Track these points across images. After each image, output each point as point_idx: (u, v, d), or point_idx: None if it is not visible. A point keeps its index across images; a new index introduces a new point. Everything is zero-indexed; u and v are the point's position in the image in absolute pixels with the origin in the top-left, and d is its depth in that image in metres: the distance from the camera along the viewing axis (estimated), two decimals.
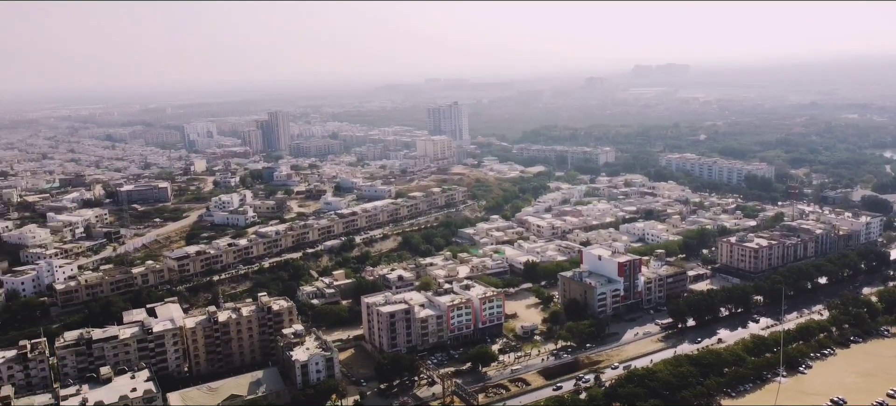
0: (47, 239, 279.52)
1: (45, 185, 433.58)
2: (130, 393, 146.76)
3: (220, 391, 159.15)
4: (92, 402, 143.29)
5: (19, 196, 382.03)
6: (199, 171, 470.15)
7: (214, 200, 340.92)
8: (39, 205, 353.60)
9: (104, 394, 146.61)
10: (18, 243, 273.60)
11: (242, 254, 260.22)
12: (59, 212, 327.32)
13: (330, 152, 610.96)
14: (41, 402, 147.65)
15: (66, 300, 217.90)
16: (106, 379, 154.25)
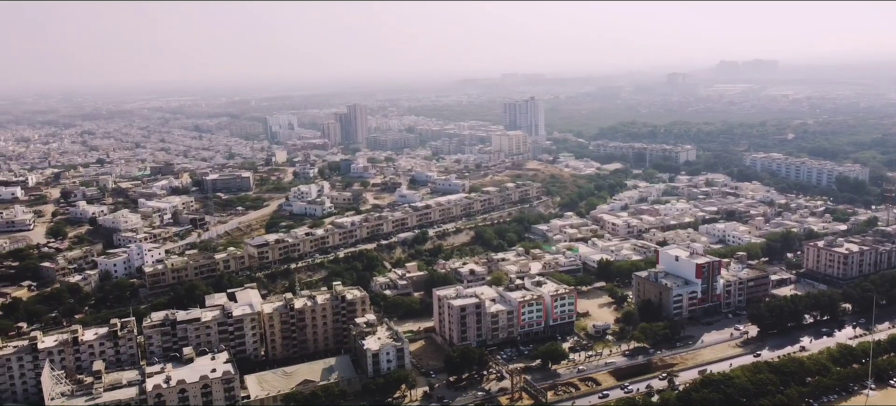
0: (138, 224, 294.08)
1: (138, 173, 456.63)
2: (210, 373, 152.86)
3: (294, 376, 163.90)
4: (174, 380, 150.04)
5: (114, 182, 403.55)
6: (279, 162, 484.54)
7: (293, 191, 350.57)
8: (132, 191, 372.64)
9: (186, 373, 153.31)
10: (112, 227, 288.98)
11: (319, 243, 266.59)
12: (150, 198, 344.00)
13: (406, 146, 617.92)
14: (129, 377, 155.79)
15: (154, 282, 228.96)
16: (188, 359, 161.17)
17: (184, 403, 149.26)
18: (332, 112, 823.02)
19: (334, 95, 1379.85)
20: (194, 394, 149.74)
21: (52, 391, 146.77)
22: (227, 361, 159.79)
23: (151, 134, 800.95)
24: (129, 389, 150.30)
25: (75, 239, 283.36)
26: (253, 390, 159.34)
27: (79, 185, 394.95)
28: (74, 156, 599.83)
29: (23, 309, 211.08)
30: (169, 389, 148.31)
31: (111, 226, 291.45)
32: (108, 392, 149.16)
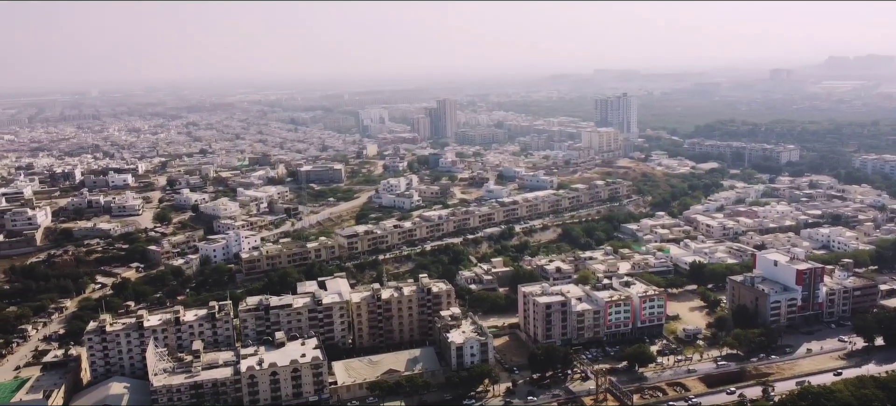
0: (236, 212, 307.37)
1: (237, 163, 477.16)
2: (300, 358, 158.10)
3: (379, 365, 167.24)
4: (267, 362, 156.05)
5: (215, 172, 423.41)
6: (370, 155, 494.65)
7: (383, 183, 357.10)
8: (231, 180, 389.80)
9: (277, 356, 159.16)
10: (213, 214, 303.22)
11: (406, 235, 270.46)
12: (248, 187, 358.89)
13: (494, 141, 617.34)
14: (225, 358, 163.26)
15: (250, 268, 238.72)
16: (280, 343, 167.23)
17: (274, 386, 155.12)
18: (422, 107, 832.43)
19: (424, 90, 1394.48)
20: (285, 377, 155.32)
21: (155, 367, 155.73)
22: (317, 347, 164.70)
23: (250, 126, 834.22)
24: (225, 369, 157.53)
25: (179, 224, 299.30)
26: (340, 376, 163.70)
27: (183, 173, 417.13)
28: (180, 146, 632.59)
29: (131, 289, 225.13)
30: (261, 371, 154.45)
31: (212, 213, 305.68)
32: (206, 371, 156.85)
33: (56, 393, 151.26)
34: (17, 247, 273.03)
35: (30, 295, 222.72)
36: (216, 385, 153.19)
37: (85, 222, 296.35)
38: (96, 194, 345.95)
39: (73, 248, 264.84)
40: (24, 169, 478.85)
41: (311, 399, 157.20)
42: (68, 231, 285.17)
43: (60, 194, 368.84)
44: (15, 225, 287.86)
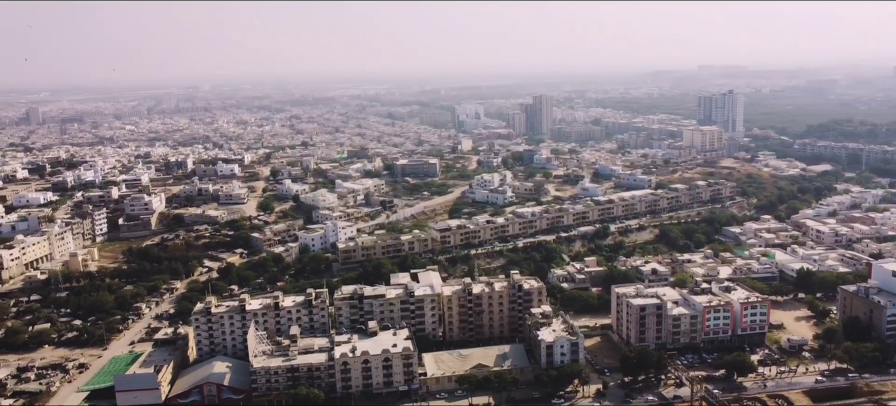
0: (334, 203, 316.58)
1: (336, 156, 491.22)
2: (392, 348, 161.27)
3: (468, 359, 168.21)
4: (359, 350, 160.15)
5: (315, 164, 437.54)
6: (465, 150, 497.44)
7: (477, 179, 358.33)
8: (330, 172, 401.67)
9: (370, 345, 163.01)
10: (312, 205, 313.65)
11: (499, 231, 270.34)
12: (345, 180, 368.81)
13: (591, 138, 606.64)
14: (320, 344, 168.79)
15: (346, 258, 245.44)
16: (372, 332, 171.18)
17: (366, 374, 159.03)
18: (518, 102, 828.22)
19: (521, 86, 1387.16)
20: (376, 365, 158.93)
21: (255, 349, 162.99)
22: (408, 338, 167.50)
23: (350, 120, 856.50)
24: (320, 355, 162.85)
25: (280, 214, 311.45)
26: (429, 368, 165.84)
27: (285, 164, 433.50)
28: (283, 138, 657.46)
29: (235, 273, 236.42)
30: (354, 359, 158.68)
31: (311, 203, 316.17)
32: (302, 355, 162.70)
33: (165, 368, 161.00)
34: (135, 230, 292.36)
35: (144, 275, 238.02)
36: (311, 370, 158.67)
37: (195, 209, 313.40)
38: (206, 183, 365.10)
39: (183, 233, 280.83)
40: (143, 157, 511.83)
41: (401, 389, 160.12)
42: (180, 217, 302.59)
43: (174, 182, 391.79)
44: (133, 209, 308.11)
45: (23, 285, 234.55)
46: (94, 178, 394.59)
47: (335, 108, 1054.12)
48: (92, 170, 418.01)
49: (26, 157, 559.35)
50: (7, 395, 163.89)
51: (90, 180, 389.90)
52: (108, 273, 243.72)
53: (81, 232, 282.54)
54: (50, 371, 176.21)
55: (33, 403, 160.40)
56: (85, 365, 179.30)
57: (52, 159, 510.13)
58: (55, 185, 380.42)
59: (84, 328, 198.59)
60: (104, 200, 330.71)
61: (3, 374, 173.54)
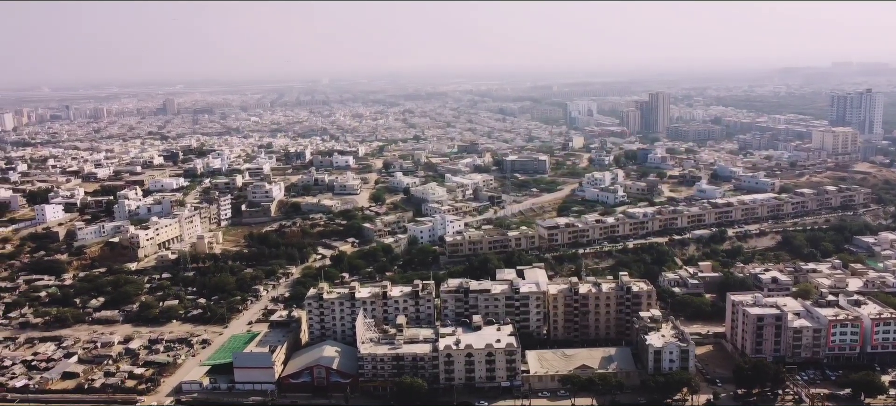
0: (444, 196, 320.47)
1: (447, 150, 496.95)
2: (495, 343, 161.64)
3: (572, 359, 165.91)
4: (463, 344, 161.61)
5: (426, 157, 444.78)
6: (576, 148, 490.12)
7: (587, 177, 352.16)
8: (440, 166, 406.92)
9: (473, 338, 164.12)
10: (422, 197, 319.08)
11: (608, 231, 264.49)
12: (455, 174, 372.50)
13: (709, 138, 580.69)
14: (425, 334, 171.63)
15: (453, 251, 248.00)
16: (476, 326, 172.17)
17: (469, 367, 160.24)
18: (633, 99, 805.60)
19: (636, 83, 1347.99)
20: (479, 359, 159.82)
21: (363, 335, 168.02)
22: (511, 334, 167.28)
23: (461, 115, 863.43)
24: (425, 345, 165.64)
25: (391, 205, 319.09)
26: (532, 366, 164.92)
27: (398, 157, 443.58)
28: (396, 132, 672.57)
29: (346, 262, 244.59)
30: (457, 351, 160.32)
31: (421, 196, 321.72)
32: (407, 345, 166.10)
33: (279, 348, 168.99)
34: (256, 216, 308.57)
35: (263, 259, 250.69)
36: (415, 359, 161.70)
37: (311, 198, 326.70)
38: (322, 173, 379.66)
39: (300, 221, 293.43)
40: (265, 148, 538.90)
41: (504, 384, 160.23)
42: (297, 205, 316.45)
43: (292, 172, 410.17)
44: (255, 197, 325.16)
45: (155, 264, 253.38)
46: (220, 166, 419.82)
47: (447, 103, 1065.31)
48: (219, 158, 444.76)
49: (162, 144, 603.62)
50: (139, 364, 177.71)
51: (217, 168, 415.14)
52: (230, 256, 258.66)
53: (208, 216, 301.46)
54: (176, 344, 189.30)
55: (161, 373, 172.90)
56: (207, 341, 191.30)
57: (184, 147, 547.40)
58: (186, 171, 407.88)
59: (207, 306, 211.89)
60: (229, 187, 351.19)
61: (137, 345, 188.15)
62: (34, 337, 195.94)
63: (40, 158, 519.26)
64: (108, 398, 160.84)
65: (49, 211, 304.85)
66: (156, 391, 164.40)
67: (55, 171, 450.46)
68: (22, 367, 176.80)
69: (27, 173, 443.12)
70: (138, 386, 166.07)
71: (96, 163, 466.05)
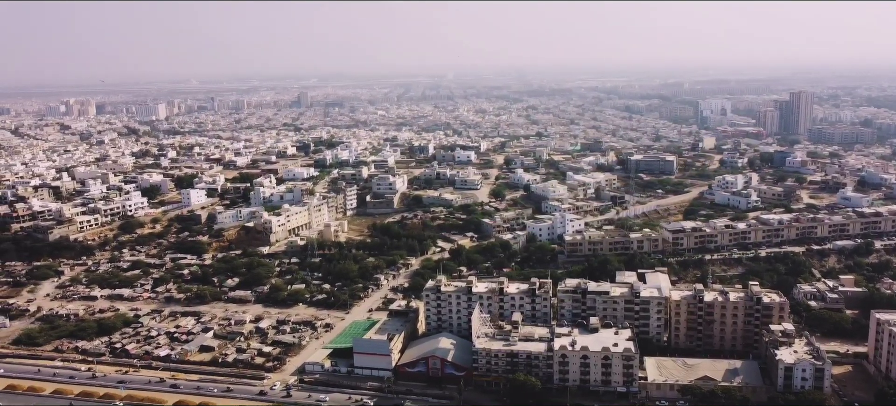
0: (564, 195, 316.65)
1: (569, 148, 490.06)
2: (612, 346, 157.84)
3: (694, 369, 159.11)
4: (579, 345, 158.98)
5: (548, 154, 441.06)
6: (706, 148, 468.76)
7: (718, 179, 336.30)
8: (562, 164, 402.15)
9: (590, 340, 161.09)
10: (542, 195, 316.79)
11: (739, 238, 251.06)
12: (577, 172, 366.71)
13: (858, 141, 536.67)
14: (540, 333, 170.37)
15: (572, 250, 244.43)
16: (593, 328, 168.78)
17: (584, 369, 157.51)
18: (771, 99, 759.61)
19: (776, 81, 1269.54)
20: (595, 362, 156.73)
21: (478, 330, 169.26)
22: (630, 339, 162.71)
23: (585, 112, 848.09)
24: (539, 344, 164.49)
25: (511, 201, 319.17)
26: (650, 373, 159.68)
27: (519, 154, 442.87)
28: (518, 128, 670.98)
29: (465, 256, 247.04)
30: (573, 353, 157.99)
31: (541, 193, 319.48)
32: (522, 342, 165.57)
33: (397, 337, 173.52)
34: (380, 207, 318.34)
35: (385, 249, 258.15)
36: (530, 357, 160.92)
37: (432, 192, 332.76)
38: (444, 167, 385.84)
39: (421, 214, 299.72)
40: (390, 141, 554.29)
41: (620, 389, 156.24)
42: (419, 198, 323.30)
43: (416, 165, 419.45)
44: (379, 188, 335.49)
45: (285, 249, 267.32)
46: (348, 158, 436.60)
47: (571, 100, 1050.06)
48: (347, 150, 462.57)
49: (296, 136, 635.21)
50: (268, 343, 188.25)
51: (345, 159, 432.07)
52: (354, 244, 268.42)
53: (335, 205, 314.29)
54: (302, 326, 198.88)
55: (287, 352, 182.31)
56: (330, 325, 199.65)
57: (315, 139, 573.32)
58: (317, 162, 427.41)
59: (331, 292, 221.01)
60: (355, 178, 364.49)
61: (266, 324, 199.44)
62: (177, 311, 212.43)
63: (187, 146, 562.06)
64: (239, 372, 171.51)
65: (193, 195, 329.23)
66: (281, 369, 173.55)
67: (200, 158, 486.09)
68: (166, 339, 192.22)
69: (176, 160, 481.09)
70: (266, 363, 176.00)
71: (236, 151, 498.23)
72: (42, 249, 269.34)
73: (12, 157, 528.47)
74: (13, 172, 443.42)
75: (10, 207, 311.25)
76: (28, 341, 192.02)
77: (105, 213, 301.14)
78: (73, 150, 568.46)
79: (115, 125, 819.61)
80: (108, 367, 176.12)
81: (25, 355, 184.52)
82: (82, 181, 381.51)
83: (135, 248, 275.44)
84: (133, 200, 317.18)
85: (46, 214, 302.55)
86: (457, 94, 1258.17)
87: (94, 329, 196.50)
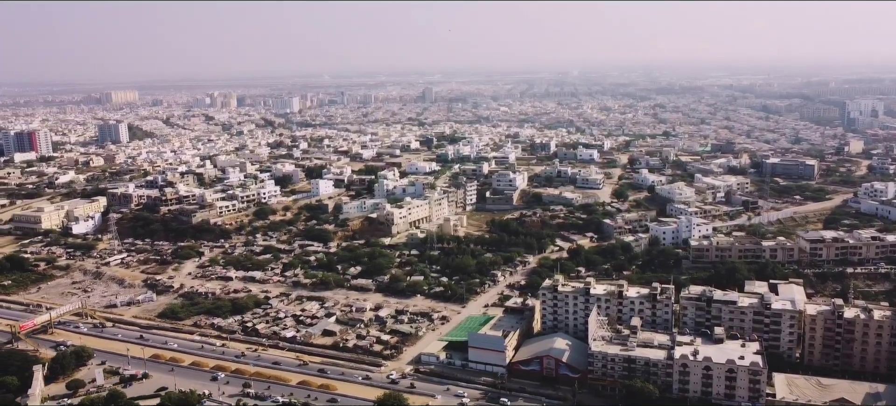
0: (691, 197, 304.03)
1: (699, 148, 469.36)
2: (738, 359, 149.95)
3: (829, 390, 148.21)
4: (701, 355, 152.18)
5: (675, 155, 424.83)
6: (852, 153, 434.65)
7: (865, 186, 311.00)
8: (690, 165, 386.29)
9: (713, 351, 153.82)
10: (667, 197, 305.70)
11: (887, 251, 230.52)
12: (706, 174, 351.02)
13: None
14: (660, 340, 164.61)
15: (697, 256, 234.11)
16: (718, 339, 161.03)
17: (706, 380, 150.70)
18: None
19: None
20: (718, 375, 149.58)
21: (595, 332, 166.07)
22: (757, 353, 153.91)
23: (717, 111, 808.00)
24: (659, 351, 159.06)
25: (634, 202, 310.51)
26: (779, 390, 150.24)
27: (644, 153, 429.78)
28: (644, 127, 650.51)
29: (583, 256, 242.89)
30: (694, 362, 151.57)
31: (666, 195, 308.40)
32: (640, 348, 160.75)
33: (512, 334, 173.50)
34: (498, 203, 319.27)
35: (502, 246, 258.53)
36: (648, 364, 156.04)
37: (553, 190, 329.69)
38: (565, 165, 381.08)
39: (540, 211, 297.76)
40: (512, 137, 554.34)
41: (744, 405, 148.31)
42: (538, 195, 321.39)
43: (536, 162, 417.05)
44: (499, 185, 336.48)
45: (406, 240, 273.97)
46: (469, 153, 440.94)
47: (703, 98, 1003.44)
48: (469, 146, 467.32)
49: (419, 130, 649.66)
50: (386, 331, 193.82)
51: (466, 155, 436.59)
52: (472, 239, 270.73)
53: (455, 200, 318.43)
54: (419, 317, 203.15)
55: (404, 342, 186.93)
56: (446, 317, 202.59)
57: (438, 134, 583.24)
58: (438, 156, 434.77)
59: (448, 285, 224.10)
60: (476, 174, 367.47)
61: (385, 313, 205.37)
62: (303, 295, 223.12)
63: (318, 138, 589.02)
64: (358, 358, 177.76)
65: (322, 185, 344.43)
66: (398, 358, 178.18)
67: (329, 150, 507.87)
68: (292, 321, 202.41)
69: (307, 151, 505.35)
70: (384, 351, 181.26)
71: (362, 144, 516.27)
72: (186, 231, 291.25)
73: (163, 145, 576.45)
74: (163, 159, 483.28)
75: (160, 191, 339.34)
76: (171, 315, 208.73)
77: (242, 200, 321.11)
78: (216, 140, 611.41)
79: (253, 117, 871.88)
80: (239, 344, 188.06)
81: (168, 328, 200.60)
82: (223, 169, 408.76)
83: (267, 233, 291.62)
84: (267, 188, 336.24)
85: (191, 199, 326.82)
86: (581, 90, 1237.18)
87: (228, 308, 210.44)
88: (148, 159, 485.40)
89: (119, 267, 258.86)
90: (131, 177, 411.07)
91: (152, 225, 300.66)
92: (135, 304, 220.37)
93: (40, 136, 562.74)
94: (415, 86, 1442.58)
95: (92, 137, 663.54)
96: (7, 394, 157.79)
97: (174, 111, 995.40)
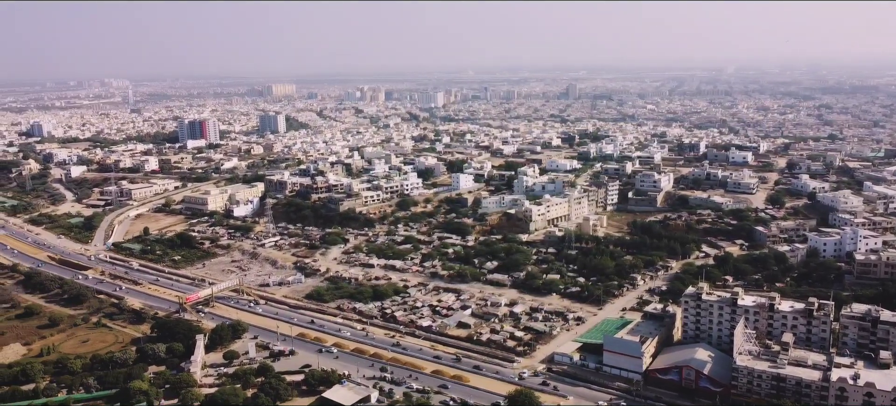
0: (858, 207, 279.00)
1: (870, 154, 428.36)
2: None
3: None
4: (863, 380, 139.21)
5: (841, 160, 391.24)
6: None
7: None
8: (859, 172, 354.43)
9: (877, 377, 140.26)
10: (830, 206, 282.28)
11: None
12: (877, 182, 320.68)
13: None
14: (815, 359, 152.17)
15: (863, 272, 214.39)
16: (884, 363, 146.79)
17: None
18: None
19: None
20: (881, 403, 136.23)
21: (741, 346, 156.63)
22: None
23: (894, 113, 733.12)
24: (813, 372, 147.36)
25: (790, 210, 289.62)
26: None
27: (805, 158, 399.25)
28: (806, 129, 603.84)
29: (731, 264, 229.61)
30: (854, 387, 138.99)
31: (829, 204, 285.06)
32: (792, 366, 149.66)
33: (650, 341, 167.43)
34: (641, 205, 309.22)
35: (644, 249, 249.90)
36: (800, 385, 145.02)
37: (700, 192, 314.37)
38: (715, 168, 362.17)
39: (686, 215, 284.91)
40: (658, 136, 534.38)
41: None
42: (685, 198, 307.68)
43: (684, 163, 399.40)
44: (643, 185, 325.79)
45: (543, 238, 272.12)
46: (612, 152, 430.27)
47: (877, 98, 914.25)
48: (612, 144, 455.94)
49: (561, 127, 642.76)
50: (520, 328, 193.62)
51: (609, 153, 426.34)
52: (612, 240, 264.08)
53: (595, 199, 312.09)
54: (553, 316, 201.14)
55: (538, 339, 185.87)
56: (581, 318, 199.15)
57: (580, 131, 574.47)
58: (580, 154, 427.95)
59: (585, 286, 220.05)
60: (618, 173, 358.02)
61: (520, 310, 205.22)
62: (440, 286, 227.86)
63: (460, 132, 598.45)
64: (491, 353, 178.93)
65: (462, 179, 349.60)
66: (531, 356, 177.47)
67: (470, 144, 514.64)
68: (428, 311, 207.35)
69: (449, 145, 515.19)
70: (517, 347, 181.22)
71: (503, 140, 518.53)
72: (333, 218, 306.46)
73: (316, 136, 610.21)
74: (316, 149, 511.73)
75: (311, 180, 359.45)
76: (317, 297, 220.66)
77: (386, 191, 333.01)
78: (364, 132, 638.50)
79: (399, 111, 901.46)
80: (378, 330, 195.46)
81: (314, 309, 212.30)
82: (369, 160, 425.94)
83: (408, 224, 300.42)
84: (410, 181, 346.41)
85: (339, 188, 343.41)
86: (736, 89, 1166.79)
87: (369, 294, 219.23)
88: (302, 149, 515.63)
89: (273, 249, 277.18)
90: (286, 165, 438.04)
91: (303, 211, 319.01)
92: (285, 284, 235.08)
93: (209, 125, 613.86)
94: (558, 82, 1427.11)
95: (253, 127, 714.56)
96: (173, 358, 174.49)
97: (327, 104, 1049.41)
